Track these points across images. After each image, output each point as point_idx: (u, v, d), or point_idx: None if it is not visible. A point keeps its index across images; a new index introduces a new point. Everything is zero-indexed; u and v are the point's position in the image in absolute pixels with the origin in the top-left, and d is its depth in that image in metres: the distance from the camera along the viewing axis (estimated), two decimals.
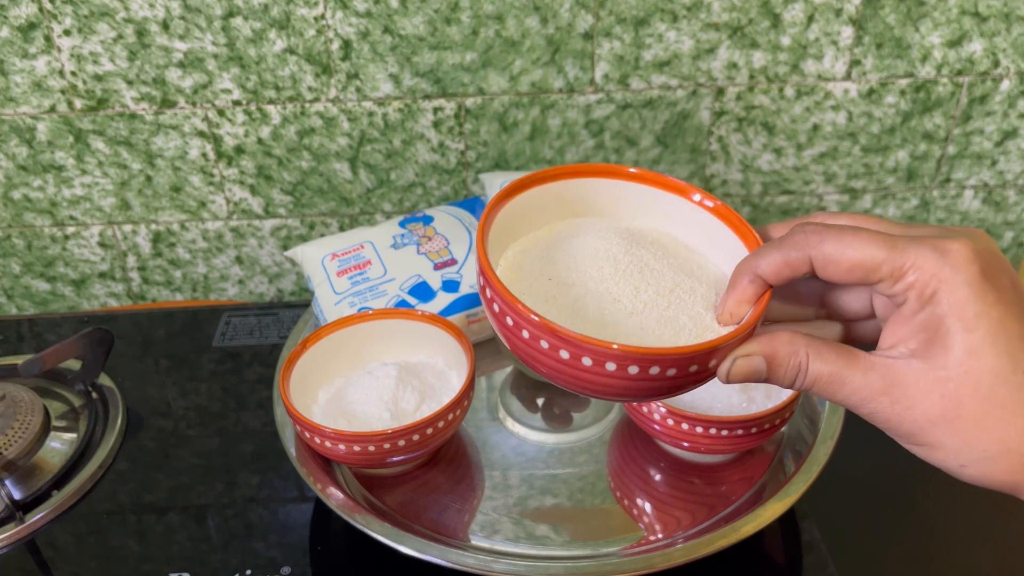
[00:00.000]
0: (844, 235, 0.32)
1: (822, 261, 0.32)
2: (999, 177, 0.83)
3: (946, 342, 0.30)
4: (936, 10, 0.73)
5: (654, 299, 0.37)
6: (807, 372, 0.33)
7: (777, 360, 0.33)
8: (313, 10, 0.71)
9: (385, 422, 0.54)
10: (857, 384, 0.32)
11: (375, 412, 0.55)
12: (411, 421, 0.52)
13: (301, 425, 0.53)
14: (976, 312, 0.30)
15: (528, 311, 0.34)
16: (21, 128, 0.76)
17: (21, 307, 0.88)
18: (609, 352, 0.33)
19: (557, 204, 0.42)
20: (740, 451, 0.56)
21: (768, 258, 0.34)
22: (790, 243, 0.33)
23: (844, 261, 0.32)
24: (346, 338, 0.60)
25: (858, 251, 0.31)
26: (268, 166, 0.80)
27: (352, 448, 0.52)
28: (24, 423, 0.63)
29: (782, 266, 0.33)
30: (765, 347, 0.33)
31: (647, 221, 0.43)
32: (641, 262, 0.38)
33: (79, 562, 0.57)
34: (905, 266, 0.31)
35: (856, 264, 0.31)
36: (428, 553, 0.49)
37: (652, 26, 0.73)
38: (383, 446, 0.52)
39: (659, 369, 0.33)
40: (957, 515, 0.59)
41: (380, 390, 0.56)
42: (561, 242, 0.40)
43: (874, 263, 0.31)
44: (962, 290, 0.30)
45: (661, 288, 0.38)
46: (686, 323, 0.37)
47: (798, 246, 0.33)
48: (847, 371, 0.32)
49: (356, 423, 0.55)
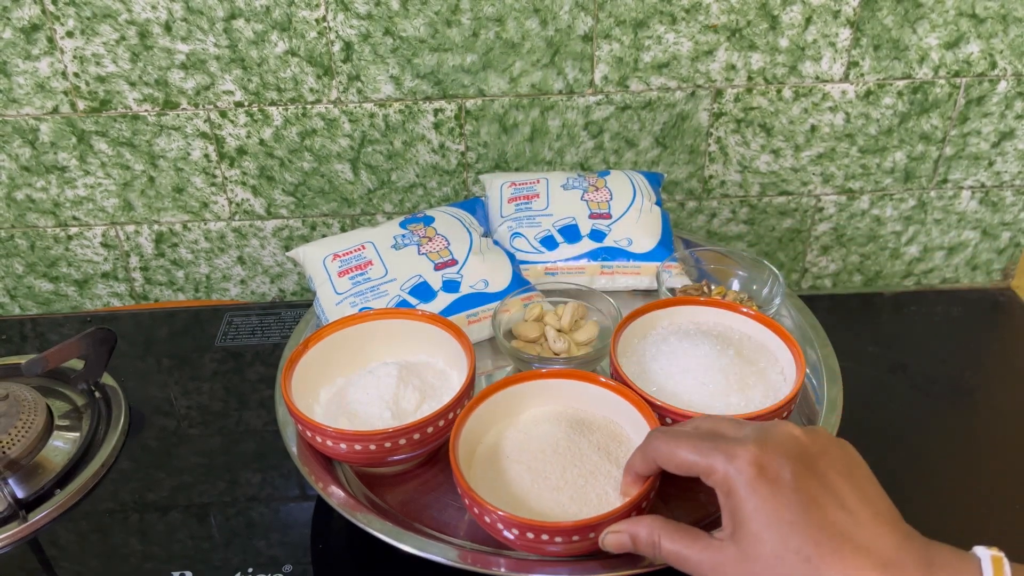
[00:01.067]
0: (672, 444, 0.43)
1: (663, 463, 0.44)
2: (996, 178, 0.83)
3: (742, 531, 0.39)
4: (933, 12, 0.73)
5: (574, 479, 0.50)
6: (659, 548, 0.42)
7: (639, 539, 0.44)
8: (315, 12, 0.72)
9: (386, 421, 0.55)
10: (695, 561, 0.41)
11: (376, 411, 0.56)
12: (412, 420, 0.52)
13: (303, 424, 0.54)
14: (754, 507, 0.38)
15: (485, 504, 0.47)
16: (24, 129, 0.77)
17: (24, 307, 0.88)
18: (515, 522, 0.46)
19: None
20: None
21: (635, 460, 0.46)
22: (644, 449, 0.45)
23: (672, 464, 0.43)
24: (347, 338, 0.60)
25: (680, 458, 0.42)
26: (270, 167, 0.80)
27: (353, 447, 0.52)
28: (27, 422, 0.63)
29: (644, 465, 0.45)
30: (631, 527, 0.44)
31: None
32: (576, 447, 0.51)
33: (82, 560, 0.58)
34: (709, 470, 0.40)
35: (681, 465, 0.42)
36: (429, 551, 0.50)
37: (651, 28, 0.74)
38: (384, 445, 0.52)
39: (548, 536, 0.46)
40: (956, 515, 0.59)
41: (381, 389, 0.57)
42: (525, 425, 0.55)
43: (691, 465, 0.41)
44: (743, 490, 0.39)
45: (582, 470, 0.50)
46: (592, 500, 0.49)
47: (646, 453, 0.45)
48: (688, 551, 0.41)
49: (357, 422, 0.56)
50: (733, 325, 0.60)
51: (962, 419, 0.69)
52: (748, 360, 0.57)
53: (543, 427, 0.53)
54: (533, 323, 0.64)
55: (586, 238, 0.71)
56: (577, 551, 0.47)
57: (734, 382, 0.55)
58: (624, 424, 0.54)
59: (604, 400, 0.54)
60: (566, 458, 0.51)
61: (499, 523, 0.46)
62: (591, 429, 0.53)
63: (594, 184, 0.74)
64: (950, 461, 0.64)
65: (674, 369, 0.56)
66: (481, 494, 0.48)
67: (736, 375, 0.55)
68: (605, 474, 0.50)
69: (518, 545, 0.47)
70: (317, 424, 0.52)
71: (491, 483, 0.51)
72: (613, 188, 0.74)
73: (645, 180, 0.75)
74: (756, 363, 0.57)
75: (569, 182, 0.74)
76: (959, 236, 0.87)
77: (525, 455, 0.52)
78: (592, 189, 0.73)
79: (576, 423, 0.54)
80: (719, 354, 0.56)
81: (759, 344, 0.59)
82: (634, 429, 0.53)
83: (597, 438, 0.53)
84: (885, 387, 0.71)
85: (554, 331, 0.63)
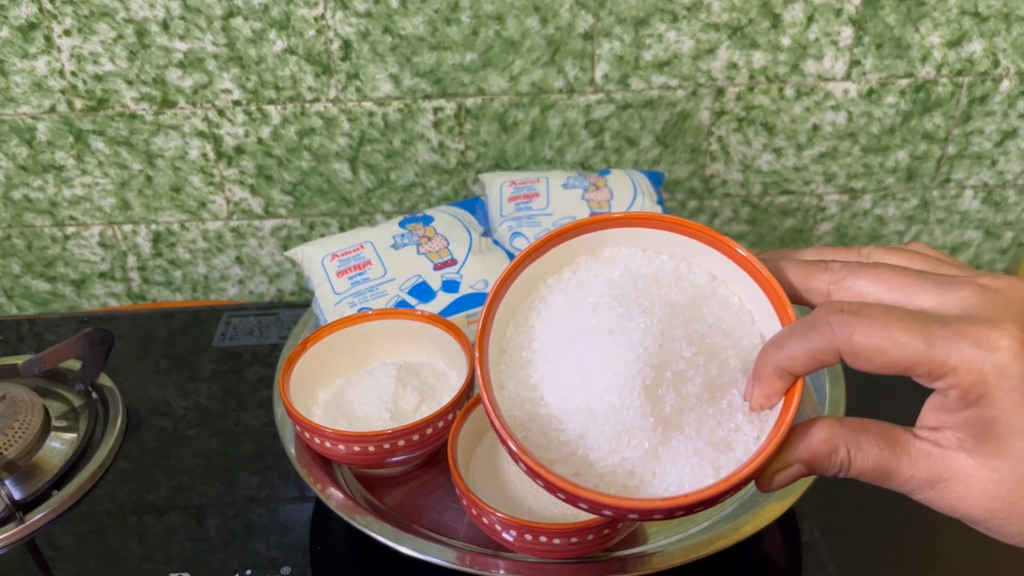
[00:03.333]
0: (875, 327, 0.29)
1: (852, 357, 0.30)
2: (999, 177, 0.83)
3: (998, 445, 0.29)
4: (936, 10, 0.73)
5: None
6: (850, 468, 0.31)
7: (818, 462, 0.31)
8: (313, 10, 0.71)
9: (385, 422, 0.54)
10: (903, 477, 0.31)
11: (375, 412, 0.55)
12: (411, 421, 0.52)
13: (301, 425, 0.53)
14: None
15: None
16: (21, 128, 0.76)
17: (21, 307, 0.88)
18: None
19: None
20: None
21: (793, 350, 0.31)
22: (816, 334, 0.30)
23: (876, 359, 0.29)
24: (346, 338, 0.60)
25: (890, 349, 0.29)
26: (268, 166, 0.80)
27: (352, 448, 0.52)
28: (24, 423, 0.63)
29: (809, 360, 0.31)
30: (803, 453, 0.31)
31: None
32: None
33: (79, 562, 0.57)
34: (946, 366, 0.28)
35: (889, 364, 0.29)
36: (428, 553, 0.49)
37: (652, 26, 0.73)
38: (383, 446, 0.52)
39: (547, 538, 0.43)
40: None
41: (380, 390, 0.56)
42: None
43: (909, 363, 0.29)
44: (1012, 397, 0.28)
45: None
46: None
47: (824, 338, 0.30)
48: (891, 464, 0.31)
49: (356, 423, 0.55)
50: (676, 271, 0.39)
51: None
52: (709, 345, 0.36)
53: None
54: None
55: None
56: (576, 552, 0.47)
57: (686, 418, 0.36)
58: None
59: None
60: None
61: (498, 524, 0.46)
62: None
63: (595, 183, 0.73)
64: None
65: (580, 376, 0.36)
66: (480, 495, 0.47)
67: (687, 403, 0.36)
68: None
69: (517, 547, 0.47)
70: (316, 425, 0.52)
71: (490, 484, 0.50)
72: (614, 187, 0.73)
73: (646, 179, 0.75)
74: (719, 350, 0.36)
75: (569, 181, 0.74)
76: (962, 236, 0.86)
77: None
78: (593, 188, 0.73)
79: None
80: (655, 336, 0.35)
81: (722, 301, 0.38)
82: None
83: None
84: (887, 387, 0.71)
85: None
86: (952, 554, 0.56)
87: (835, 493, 0.58)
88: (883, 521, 0.57)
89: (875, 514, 0.58)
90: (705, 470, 0.34)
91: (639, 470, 0.34)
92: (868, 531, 0.57)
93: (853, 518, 0.58)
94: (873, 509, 0.58)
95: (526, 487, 0.49)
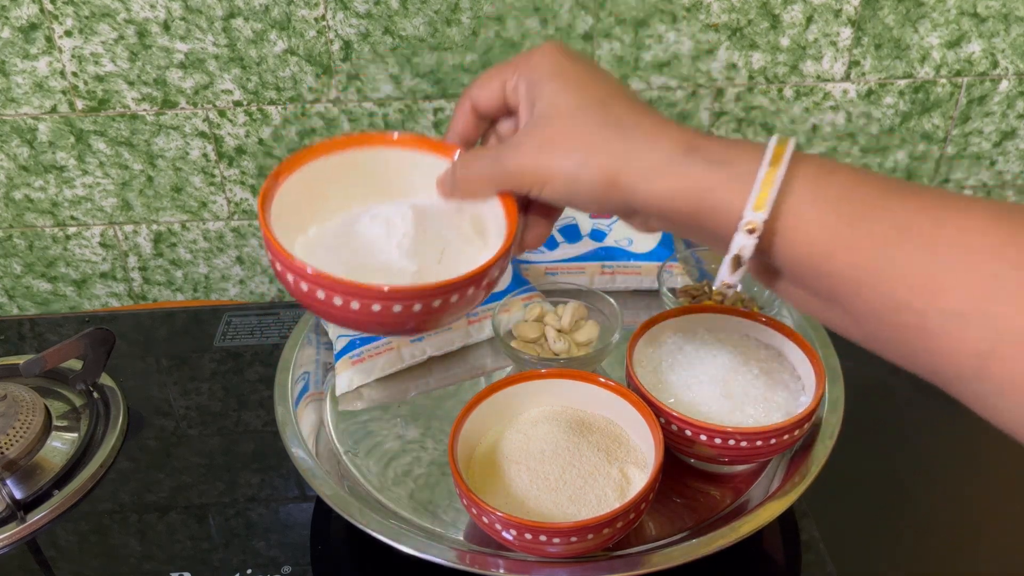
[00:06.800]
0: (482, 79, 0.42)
1: (475, 98, 0.43)
2: (998, 177, 0.83)
3: (539, 98, 0.39)
4: (935, 11, 0.73)
5: (573, 480, 0.50)
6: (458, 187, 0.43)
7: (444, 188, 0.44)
8: (314, 11, 0.72)
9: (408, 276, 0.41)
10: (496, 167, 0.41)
11: (394, 262, 0.42)
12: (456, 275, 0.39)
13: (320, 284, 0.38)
14: (555, 71, 0.39)
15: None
16: (22, 129, 0.77)
17: (22, 307, 0.88)
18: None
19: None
20: (761, 459, 0.56)
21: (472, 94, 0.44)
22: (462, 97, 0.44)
23: (483, 95, 0.42)
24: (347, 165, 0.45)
25: (487, 82, 0.42)
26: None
27: (371, 308, 0.38)
28: (25, 423, 0.63)
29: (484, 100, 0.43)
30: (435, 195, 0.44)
31: None
32: (575, 448, 0.51)
33: (80, 561, 0.57)
34: (503, 83, 0.41)
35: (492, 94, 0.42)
36: (428, 552, 0.49)
37: (652, 27, 0.73)
38: (413, 307, 0.38)
39: (546, 537, 0.45)
40: (956, 514, 0.59)
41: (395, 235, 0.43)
42: (524, 426, 0.54)
43: (500, 81, 0.41)
44: (546, 59, 0.40)
45: (582, 471, 0.50)
46: (591, 500, 0.49)
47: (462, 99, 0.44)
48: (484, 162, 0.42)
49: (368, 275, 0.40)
50: (749, 333, 0.60)
51: (962, 419, 0.68)
52: (766, 371, 0.56)
53: (542, 428, 0.53)
54: (533, 323, 0.63)
55: (587, 238, 0.71)
56: (576, 552, 0.47)
57: (753, 393, 0.54)
58: (624, 425, 0.54)
59: (604, 401, 0.54)
60: (565, 459, 0.51)
61: (498, 524, 0.46)
62: (591, 430, 0.53)
63: None
64: (950, 461, 0.64)
65: (691, 380, 0.55)
66: (480, 495, 0.47)
67: (754, 386, 0.54)
68: (604, 475, 0.50)
69: (517, 546, 0.47)
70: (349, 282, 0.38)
71: (490, 484, 0.51)
72: None
73: None
74: (774, 374, 0.56)
75: None
76: None
77: (524, 456, 0.52)
78: None
79: (576, 424, 0.53)
80: (738, 364, 0.56)
81: (776, 353, 0.58)
82: (634, 430, 0.53)
83: (596, 439, 0.52)
84: (886, 387, 0.71)
85: (554, 331, 0.62)
86: (952, 554, 0.56)
87: (834, 493, 0.58)
88: (882, 520, 0.58)
89: (874, 513, 0.58)
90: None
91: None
92: (867, 530, 0.57)
93: (853, 518, 0.58)
94: (873, 509, 0.58)
95: (526, 487, 0.50)
